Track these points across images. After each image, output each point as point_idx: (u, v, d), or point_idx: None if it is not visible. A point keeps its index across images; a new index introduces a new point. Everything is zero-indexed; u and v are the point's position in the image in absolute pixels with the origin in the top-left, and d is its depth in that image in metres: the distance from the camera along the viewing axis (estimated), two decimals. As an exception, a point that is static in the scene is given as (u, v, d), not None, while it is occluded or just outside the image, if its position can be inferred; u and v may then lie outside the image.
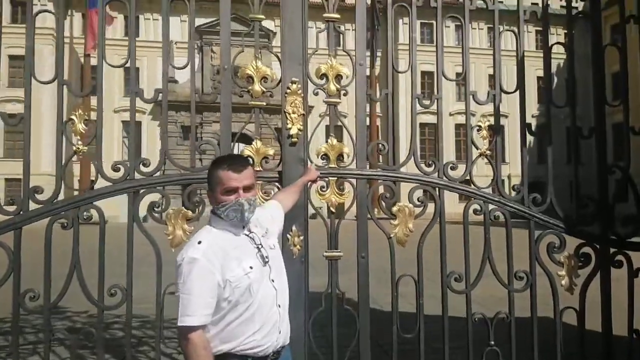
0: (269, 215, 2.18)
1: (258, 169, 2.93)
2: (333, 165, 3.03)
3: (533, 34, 36.64)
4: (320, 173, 3.01)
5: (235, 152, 3.04)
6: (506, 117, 33.96)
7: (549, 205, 3.27)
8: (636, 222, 3.29)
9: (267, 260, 1.90)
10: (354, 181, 3.06)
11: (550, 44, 3.34)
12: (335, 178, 3.02)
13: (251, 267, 1.83)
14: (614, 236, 3.29)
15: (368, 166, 3.09)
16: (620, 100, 3.33)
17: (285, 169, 2.94)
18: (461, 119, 34.03)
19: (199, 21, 31.02)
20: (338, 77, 3.04)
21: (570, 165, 3.34)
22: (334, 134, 3.05)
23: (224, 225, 1.90)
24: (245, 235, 1.92)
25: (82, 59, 32.13)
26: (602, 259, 3.26)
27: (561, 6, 3.49)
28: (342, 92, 3.06)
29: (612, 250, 3.28)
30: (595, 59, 3.32)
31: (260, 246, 1.91)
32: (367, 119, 3.06)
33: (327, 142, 3.04)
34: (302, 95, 2.96)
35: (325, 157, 3.05)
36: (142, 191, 2.88)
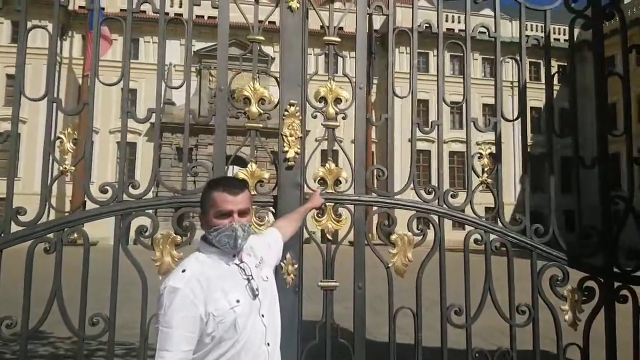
0: (266, 243, 2.06)
1: (252, 192, 2.82)
2: (330, 191, 2.93)
3: (527, 64, 37.14)
4: (317, 198, 2.91)
5: (230, 175, 2.96)
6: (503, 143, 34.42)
7: (551, 237, 3.18)
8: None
9: (257, 293, 1.75)
10: (351, 207, 2.96)
11: (552, 74, 3.30)
12: (333, 204, 2.92)
13: (238, 301, 1.68)
14: (619, 269, 3.19)
15: (365, 192, 3.00)
16: (623, 130, 3.28)
17: (280, 194, 2.83)
18: (455, 147, 34.19)
19: (199, 45, 31.29)
20: (337, 101, 2.97)
21: (565, 194, 3.27)
22: (330, 159, 2.97)
23: (214, 252, 1.78)
24: (236, 264, 1.79)
25: (80, 80, 32.23)
26: (606, 294, 3.15)
27: (555, 39, 3.46)
28: (341, 115, 2.98)
29: (616, 284, 3.17)
30: (598, 89, 3.28)
31: (250, 277, 1.77)
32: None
33: (324, 166, 2.95)
34: (300, 118, 2.88)
35: (323, 181, 2.95)
36: (130, 214, 2.76)
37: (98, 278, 2.73)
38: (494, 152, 3.16)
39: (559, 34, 34.47)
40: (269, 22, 2.96)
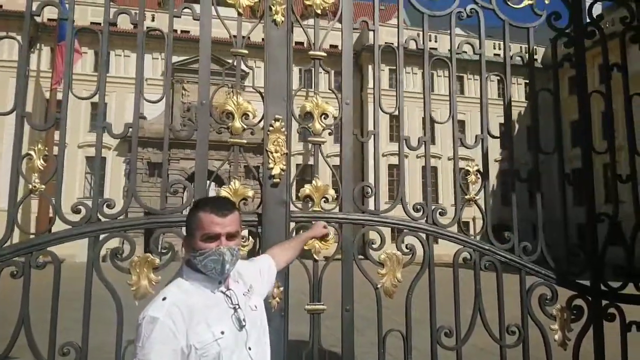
0: (257, 270, 1.92)
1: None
2: (317, 209, 2.83)
3: (495, 82, 38.32)
4: (303, 217, 2.80)
5: (211, 193, 2.82)
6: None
7: (539, 255, 3.15)
8: (627, 274, 3.19)
9: (244, 324, 1.61)
10: (338, 226, 2.86)
11: (536, 90, 3.30)
12: (319, 223, 2.81)
13: (222, 332, 1.54)
14: (606, 287, 3.17)
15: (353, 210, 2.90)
16: (606, 146, 3.30)
17: (265, 212, 2.71)
18: (431, 163, 34.69)
19: (172, 59, 30.93)
20: (323, 116, 2.89)
21: (533, 209, 3.22)
22: (312, 175, 2.87)
23: (198, 279, 1.65)
24: (222, 292, 1.65)
25: (47, 94, 31.38)
26: (594, 312, 3.12)
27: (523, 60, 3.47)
28: (328, 131, 2.90)
29: (604, 302, 3.15)
30: (582, 106, 3.29)
31: (237, 307, 1.63)
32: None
33: (311, 183, 2.85)
34: (286, 133, 2.78)
35: (309, 199, 2.85)
36: (104, 235, 2.59)
37: (67, 298, 2.53)
38: (481, 168, 3.12)
39: (535, 53, 36.05)
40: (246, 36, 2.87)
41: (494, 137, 3.20)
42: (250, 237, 2.74)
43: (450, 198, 2.93)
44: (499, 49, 38.63)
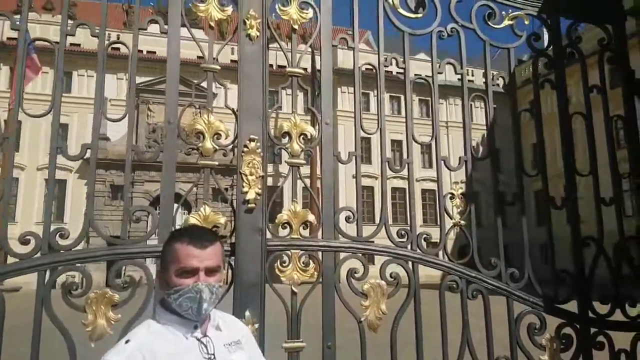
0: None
1: (207, 240, 2.46)
2: (296, 236, 2.61)
3: (468, 108, 39.30)
4: (281, 245, 2.58)
5: (178, 220, 2.58)
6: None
7: (527, 281, 3.02)
8: (614, 300, 3.09)
9: None
10: (319, 255, 2.65)
11: (518, 112, 3.22)
12: (299, 251, 2.60)
13: None
14: (594, 314, 3.06)
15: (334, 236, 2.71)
16: (588, 170, 3.23)
17: (239, 240, 2.48)
18: (396, 184, 35.00)
19: (137, 80, 30.37)
20: (302, 136, 2.70)
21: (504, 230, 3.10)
22: (295, 200, 2.66)
23: (171, 320, 1.42)
24: (196, 339, 1.42)
25: (5, 114, 30.14)
26: (583, 341, 3.00)
27: (494, 84, 3.39)
28: (306, 152, 2.71)
29: (592, 330, 3.03)
30: (563, 127, 3.23)
31: (212, 358, 1.40)
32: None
33: (289, 208, 2.64)
34: (262, 154, 2.58)
35: (287, 225, 2.63)
36: (56, 269, 2.29)
37: (21, 328, 2.21)
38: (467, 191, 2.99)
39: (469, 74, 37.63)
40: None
41: (479, 159, 3.09)
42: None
43: (419, 220, 2.75)
44: (473, 75, 39.99)
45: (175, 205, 2.50)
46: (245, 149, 2.55)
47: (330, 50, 2.86)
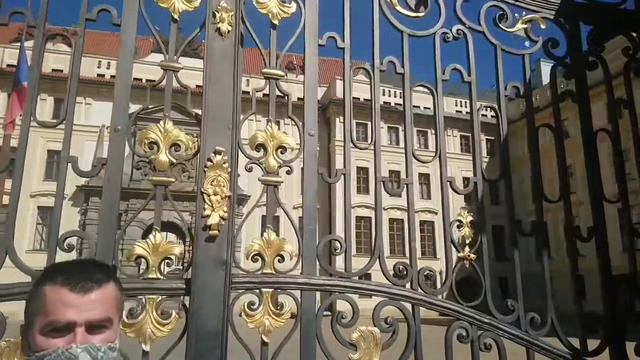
0: None
1: (153, 275, 1.97)
2: (269, 271, 2.12)
3: (458, 138, 39.14)
4: (251, 282, 2.09)
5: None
6: (435, 213, 34.98)
7: (550, 328, 2.51)
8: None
9: None
10: (298, 294, 2.15)
11: (535, 127, 2.77)
12: (272, 290, 2.10)
13: None
14: (632, 369, 2.53)
15: (318, 272, 2.21)
16: (618, 197, 2.76)
17: (197, 276, 1.98)
18: (394, 214, 34.30)
19: (133, 107, 30.23)
20: (280, 150, 2.24)
21: (500, 262, 2.63)
22: (269, 226, 2.18)
23: None
24: None
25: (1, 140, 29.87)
26: (620, 402, 2.47)
27: (483, 114, 2.94)
28: (285, 169, 2.25)
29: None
30: (587, 146, 2.78)
31: None
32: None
33: (262, 236, 2.15)
34: (230, 170, 2.11)
35: (259, 257, 2.14)
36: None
37: None
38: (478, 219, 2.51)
39: (488, 110, 37.53)
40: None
41: (489, 181, 2.62)
42: (174, 313, 2.00)
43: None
44: (462, 105, 39.87)
45: (119, 231, 2.02)
46: (209, 163, 2.09)
47: (316, 50, 2.43)
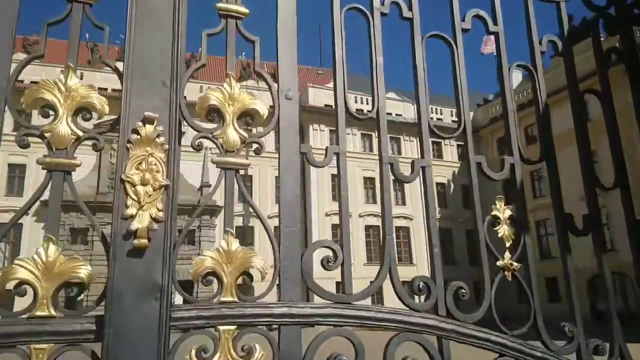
0: None
1: (44, 312, 1.23)
2: (229, 298, 1.39)
3: (432, 144, 39.05)
4: (199, 317, 1.36)
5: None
6: (411, 219, 34.67)
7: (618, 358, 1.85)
8: None
9: None
10: (274, 330, 1.43)
11: (580, 93, 2.13)
12: (233, 327, 1.37)
13: None
14: None
15: (304, 295, 1.50)
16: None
17: (112, 310, 1.25)
18: (370, 221, 33.77)
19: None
20: (245, 117, 1.53)
21: (473, 266, 1.99)
22: (229, 230, 1.46)
23: None
24: None
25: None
26: None
27: (437, 118, 2.32)
28: (254, 145, 1.53)
29: None
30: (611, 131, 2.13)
31: None
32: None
33: (218, 247, 1.43)
34: (167, 148, 1.39)
35: (214, 278, 1.42)
36: None
37: None
38: (515, 216, 1.83)
39: (452, 115, 37.48)
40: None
41: (529, 162, 1.96)
42: None
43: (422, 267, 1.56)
44: (437, 113, 39.75)
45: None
46: (135, 137, 1.37)
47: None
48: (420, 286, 1.61)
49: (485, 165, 1.84)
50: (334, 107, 1.69)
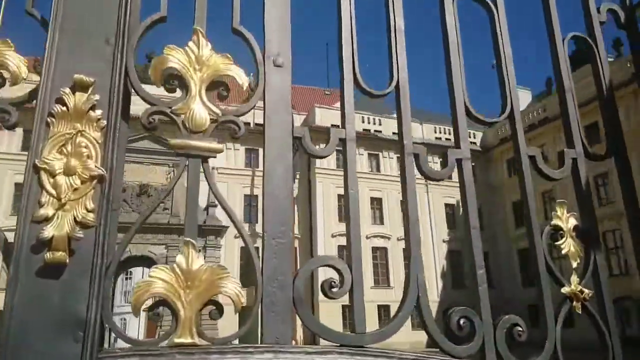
0: None
1: None
2: (188, 340, 0.96)
3: (437, 164, 37.84)
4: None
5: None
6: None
7: None
8: None
9: None
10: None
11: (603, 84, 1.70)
12: (192, 383, 0.94)
13: None
14: None
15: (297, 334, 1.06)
16: None
17: (10, 355, 0.83)
18: (377, 242, 32.15)
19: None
20: (217, 88, 1.12)
21: (490, 289, 1.55)
22: (187, 242, 1.04)
23: None
24: None
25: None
26: None
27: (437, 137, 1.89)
28: (231, 125, 1.12)
29: None
30: None
31: None
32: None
33: (174, 264, 1.00)
34: (104, 124, 0.99)
35: (162, 308, 0.99)
36: None
37: None
38: (580, 226, 1.38)
39: (444, 132, 36.11)
40: None
41: (595, 157, 1.51)
42: None
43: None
44: (445, 132, 38.69)
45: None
46: (58, 109, 0.97)
47: None
48: (462, 324, 1.15)
49: (540, 159, 1.40)
50: (340, 79, 1.28)
